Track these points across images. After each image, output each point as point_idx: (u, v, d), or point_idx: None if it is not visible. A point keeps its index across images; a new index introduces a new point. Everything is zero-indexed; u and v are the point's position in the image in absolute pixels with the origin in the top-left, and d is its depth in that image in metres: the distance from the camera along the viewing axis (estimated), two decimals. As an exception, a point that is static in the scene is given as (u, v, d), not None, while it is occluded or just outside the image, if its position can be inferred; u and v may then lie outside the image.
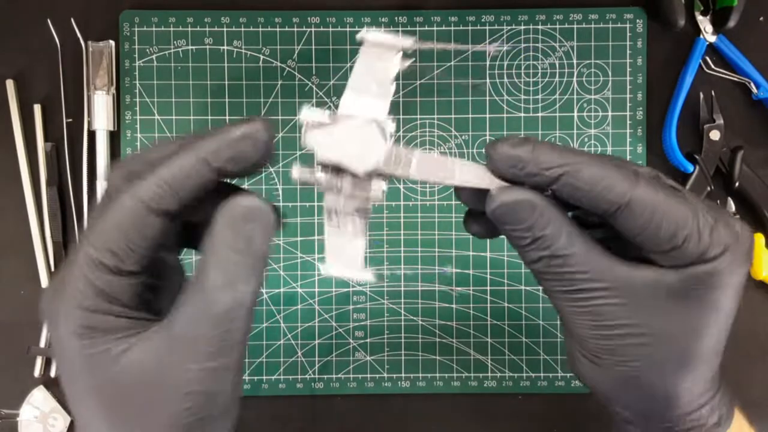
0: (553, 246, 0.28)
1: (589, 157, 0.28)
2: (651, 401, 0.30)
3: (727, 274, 0.28)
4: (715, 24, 0.46)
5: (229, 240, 0.26)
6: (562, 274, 0.29)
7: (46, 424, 0.45)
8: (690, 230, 0.28)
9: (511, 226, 0.29)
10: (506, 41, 0.46)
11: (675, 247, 0.28)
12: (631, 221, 0.28)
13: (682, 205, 0.28)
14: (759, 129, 0.47)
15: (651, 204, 0.28)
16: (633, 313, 0.29)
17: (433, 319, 0.46)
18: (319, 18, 0.46)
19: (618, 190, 0.27)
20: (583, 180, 0.27)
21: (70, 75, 0.46)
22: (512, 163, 0.28)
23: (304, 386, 0.46)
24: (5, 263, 0.46)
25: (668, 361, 0.30)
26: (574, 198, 0.28)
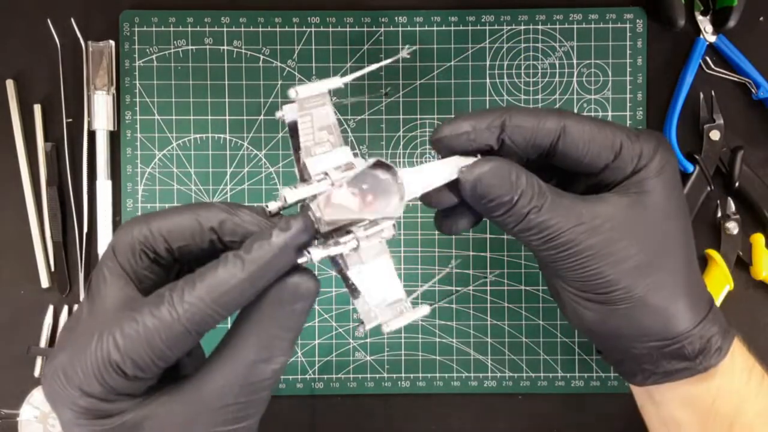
0: (531, 202, 0.31)
1: (513, 107, 0.32)
2: (658, 322, 0.32)
3: (662, 172, 0.32)
4: (715, 24, 0.46)
5: (278, 318, 0.27)
6: (544, 226, 0.31)
7: (46, 424, 0.45)
8: (621, 140, 0.32)
9: (491, 197, 0.31)
10: (506, 41, 0.46)
11: (615, 157, 0.32)
12: (573, 146, 0.32)
13: (608, 125, 0.32)
14: (759, 129, 0.47)
15: (583, 126, 0.32)
16: (610, 241, 0.31)
17: (433, 319, 0.46)
18: (319, 18, 0.46)
19: (551, 120, 0.31)
20: (523, 119, 0.31)
21: (70, 75, 0.46)
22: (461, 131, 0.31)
23: (304, 386, 0.46)
24: (5, 263, 0.46)
25: (655, 275, 0.32)
26: (522, 139, 0.31)
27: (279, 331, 0.27)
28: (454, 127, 0.31)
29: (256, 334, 0.27)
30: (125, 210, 0.46)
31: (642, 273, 0.32)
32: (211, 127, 0.46)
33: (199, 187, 0.46)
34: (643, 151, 0.32)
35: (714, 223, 0.46)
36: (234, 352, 0.27)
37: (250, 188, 0.46)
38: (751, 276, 0.46)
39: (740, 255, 0.46)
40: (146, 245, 0.28)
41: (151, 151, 0.46)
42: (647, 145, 0.32)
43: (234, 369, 0.27)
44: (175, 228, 0.28)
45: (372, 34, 0.46)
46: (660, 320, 0.32)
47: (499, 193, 0.30)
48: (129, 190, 0.46)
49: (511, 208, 0.31)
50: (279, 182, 0.46)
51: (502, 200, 0.30)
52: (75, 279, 0.46)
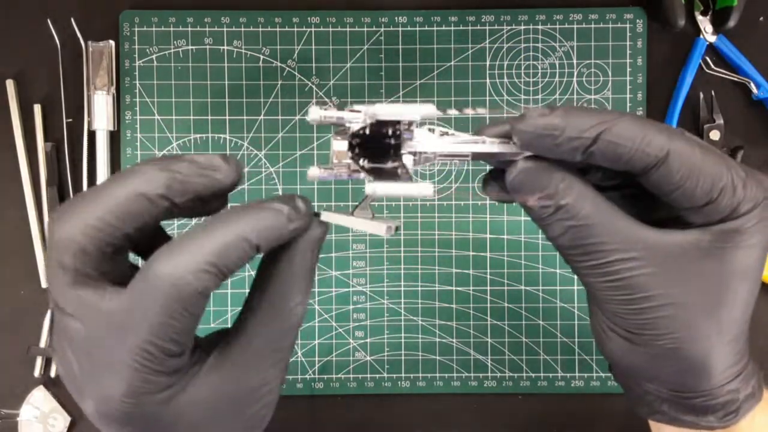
0: (578, 214, 0.28)
1: (620, 114, 0.27)
2: (688, 374, 0.29)
3: (757, 230, 0.28)
4: (715, 24, 0.46)
5: (308, 263, 0.28)
6: (590, 246, 0.28)
7: (46, 424, 0.45)
8: (725, 183, 0.27)
9: (533, 194, 0.28)
10: (506, 41, 0.46)
11: (710, 201, 0.27)
12: (668, 176, 0.27)
13: (717, 159, 0.27)
14: (759, 129, 0.47)
15: (688, 157, 0.27)
16: (667, 282, 0.28)
17: (433, 319, 0.46)
18: (319, 18, 0.46)
19: (656, 143, 0.26)
20: (623, 136, 0.26)
21: (70, 75, 0.46)
22: (546, 132, 0.27)
23: (304, 386, 0.46)
24: (5, 263, 0.46)
25: (703, 329, 0.28)
26: (614, 157, 0.27)
27: (310, 274, 0.29)
28: (545, 121, 0.27)
29: (295, 283, 0.28)
30: (125, 210, 0.46)
31: (681, 326, 0.28)
32: (211, 127, 0.46)
33: (199, 187, 0.46)
34: (741, 205, 0.27)
35: (714, 223, 0.46)
36: (272, 300, 0.28)
37: (250, 188, 0.46)
38: (751, 276, 0.46)
39: None
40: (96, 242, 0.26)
41: (151, 151, 0.46)
42: (749, 197, 0.27)
43: (275, 316, 0.28)
44: (120, 211, 0.26)
45: (372, 34, 0.46)
46: (684, 374, 0.30)
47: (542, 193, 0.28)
48: (129, 190, 0.46)
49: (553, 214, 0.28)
50: (279, 182, 0.46)
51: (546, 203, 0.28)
52: (75, 279, 0.46)
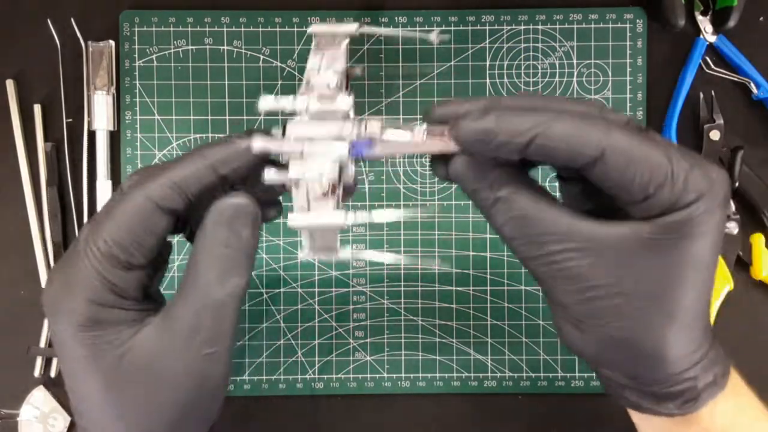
0: (516, 206, 0.28)
1: (558, 112, 0.27)
2: (641, 361, 0.29)
3: (702, 221, 0.27)
4: (715, 24, 0.46)
5: (219, 237, 0.28)
6: (531, 237, 0.28)
7: (46, 424, 0.45)
8: (664, 178, 0.27)
9: (472, 186, 0.29)
10: (506, 41, 0.46)
11: (648, 196, 0.27)
12: (606, 173, 0.27)
13: (655, 152, 0.27)
14: (759, 129, 0.47)
15: (624, 153, 0.26)
16: (608, 271, 0.28)
17: (433, 319, 0.46)
18: (319, 18, 0.46)
19: (592, 142, 0.26)
20: (556, 138, 0.26)
21: (70, 75, 0.46)
22: (480, 137, 0.27)
23: (304, 386, 0.46)
24: (5, 263, 0.46)
25: (652, 317, 0.28)
26: (550, 157, 0.27)
27: (224, 249, 0.28)
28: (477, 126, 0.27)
29: (206, 257, 0.29)
30: (125, 210, 0.46)
31: (627, 315, 0.28)
32: (211, 127, 0.46)
33: (199, 187, 0.46)
34: (683, 196, 0.27)
35: (714, 223, 0.46)
36: (190, 276, 0.29)
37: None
38: (751, 276, 0.46)
39: (740, 255, 0.46)
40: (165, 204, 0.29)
41: (151, 151, 0.46)
42: (692, 186, 0.27)
43: (192, 292, 0.29)
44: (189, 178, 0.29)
45: (372, 34, 0.46)
46: (638, 362, 0.29)
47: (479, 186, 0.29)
48: (129, 190, 0.46)
49: (493, 205, 0.29)
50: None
51: (483, 195, 0.29)
52: (75, 279, 0.46)
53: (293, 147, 0.29)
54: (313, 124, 0.29)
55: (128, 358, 0.29)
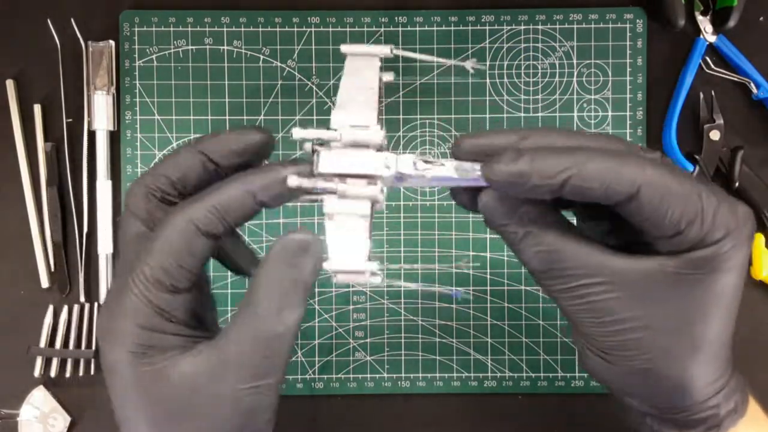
0: (544, 241, 0.28)
1: (590, 150, 0.27)
2: (665, 392, 0.30)
3: (729, 257, 0.28)
4: (715, 24, 0.46)
5: (282, 271, 0.28)
6: (558, 271, 0.29)
7: (46, 424, 0.45)
8: (694, 215, 0.27)
9: (501, 221, 0.29)
10: (506, 41, 0.46)
11: (678, 232, 0.27)
12: (640, 209, 0.27)
13: (687, 189, 0.27)
14: (759, 129, 0.47)
15: (659, 190, 0.27)
16: (634, 305, 0.28)
17: (433, 319, 0.46)
18: (319, 18, 0.46)
19: (626, 180, 0.27)
20: (591, 178, 0.26)
21: (70, 75, 0.46)
22: (513, 180, 0.27)
23: (304, 386, 0.46)
24: (5, 263, 0.46)
25: (677, 350, 0.29)
26: (584, 196, 0.27)
27: (286, 284, 0.28)
28: (511, 169, 0.27)
29: (267, 290, 0.28)
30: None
31: (651, 348, 0.29)
32: (211, 126, 0.46)
33: (199, 187, 0.46)
34: (710, 234, 0.27)
35: (714, 223, 0.46)
36: (248, 306, 0.29)
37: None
38: (751, 276, 0.46)
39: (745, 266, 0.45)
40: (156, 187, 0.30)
41: (151, 151, 0.46)
42: (719, 225, 0.27)
43: (249, 322, 0.28)
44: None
45: (372, 34, 0.46)
46: (661, 392, 0.30)
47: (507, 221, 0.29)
48: (129, 190, 0.46)
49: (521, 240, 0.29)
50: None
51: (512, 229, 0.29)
52: (75, 279, 0.46)
53: (327, 185, 0.29)
54: (346, 154, 0.29)
55: (175, 387, 0.28)
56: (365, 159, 0.29)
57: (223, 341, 0.29)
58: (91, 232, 0.46)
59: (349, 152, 0.29)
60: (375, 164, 0.29)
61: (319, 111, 0.46)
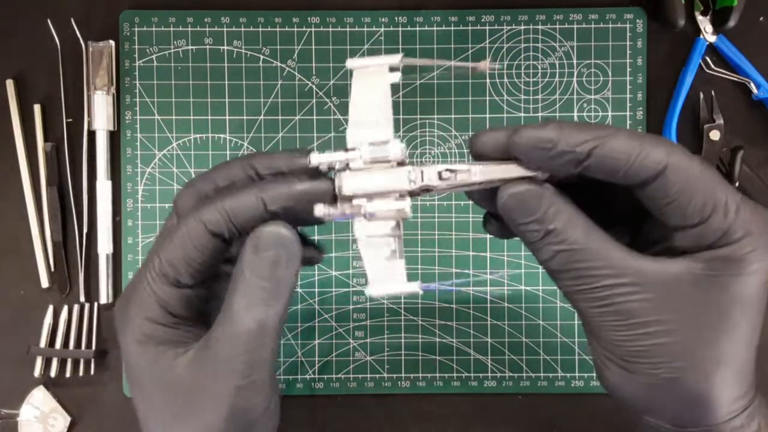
0: (568, 239, 0.28)
1: (617, 129, 0.27)
2: (688, 406, 0.29)
3: (752, 259, 0.27)
4: (715, 24, 0.46)
5: (253, 265, 0.28)
6: (581, 271, 0.28)
7: (46, 424, 0.45)
8: (718, 202, 0.27)
9: (522, 219, 0.28)
10: (506, 41, 0.46)
11: (701, 220, 0.27)
12: (664, 189, 0.27)
13: (714, 178, 0.27)
14: (759, 129, 0.47)
15: (686, 171, 0.27)
16: (661, 308, 0.27)
17: (433, 319, 0.46)
18: (319, 18, 0.46)
19: (654, 156, 0.26)
20: (617, 150, 0.26)
21: (70, 75, 0.46)
22: (541, 144, 0.27)
23: (304, 386, 0.46)
24: (5, 263, 0.46)
25: (703, 359, 0.28)
26: (610, 170, 0.27)
27: (256, 279, 0.28)
28: (535, 135, 0.27)
29: (239, 285, 0.28)
30: (125, 210, 0.46)
31: (678, 354, 0.28)
32: (211, 127, 0.46)
33: (199, 187, 0.46)
34: (732, 228, 0.27)
35: (714, 223, 0.46)
36: (225, 304, 0.29)
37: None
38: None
39: None
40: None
41: (151, 151, 0.46)
42: (740, 223, 0.27)
43: (225, 320, 0.28)
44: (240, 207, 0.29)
45: (372, 34, 0.46)
46: (686, 406, 0.29)
47: (530, 218, 0.28)
48: (129, 190, 0.46)
49: (543, 238, 0.28)
50: (279, 182, 0.46)
51: (534, 227, 0.28)
52: (75, 279, 0.46)
53: (354, 210, 0.29)
54: (369, 174, 0.29)
55: (175, 378, 0.29)
56: (389, 176, 0.29)
57: (209, 340, 0.29)
58: (91, 232, 0.46)
59: (372, 171, 0.29)
60: (400, 180, 0.29)
61: (319, 111, 0.46)
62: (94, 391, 0.46)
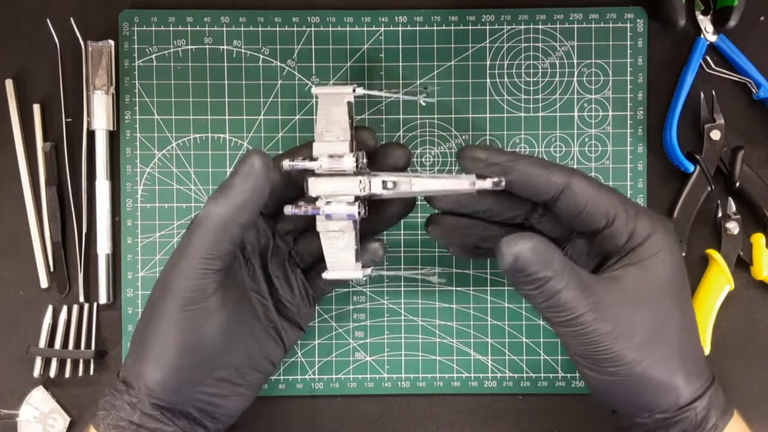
0: (562, 284, 0.33)
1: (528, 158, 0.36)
2: (657, 393, 0.35)
3: (660, 253, 0.35)
4: (715, 23, 0.45)
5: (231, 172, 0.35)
6: (566, 307, 0.34)
7: (46, 424, 0.45)
8: (619, 208, 0.36)
9: (527, 272, 0.33)
10: (507, 40, 0.46)
11: (608, 223, 0.36)
12: (573, 201, 0.35)
13: (611, 190, 0.36)
14: (760, 129, 0.47)
15: (587, 186, 0.35)
16: (621, 319, 0.34)
17: (433, 319, 0.46)
18: (319, 18, 0.46)
19: (559, 176, 0.35)
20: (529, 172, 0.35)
21: (70, 75, 0.46)
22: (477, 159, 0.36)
23: (304, 387, 0.46)
24: (4, 263, 0.46)
25: (651, 349, 0.34)
26: (525, 183, 0.35)
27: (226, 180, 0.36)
28: (473, 152, 0.36)
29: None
30: (124, 210, 0.46)
31: (640, 350, 0.34)
32: (211, 126, 0.46)
33: (199, 187, 0.46)
34: (637, 229, 0.35)
35: (714, 224, 0.46)
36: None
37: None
38: (752, 276, 0.46)
39: (741, 255, 0.46)
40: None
41: (150, 150, 0.46)
42: (642, 224, 0.35)
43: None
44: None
45: (372, 34, 0.46)
46: (659, 394, 0.35)
47: (535, 270, 0.33)
48: (128, 190, 0.46)
49: (543, 285, 0.34)
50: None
51: (537, 276, 0.33)
52: (74, 279, 0.46)
53: (316, 209, 0.37)
54: (329, 180, 0.37)
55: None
56: (343, 184, 0.36)
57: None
58: (90, 232, 0.46)
59: (332, 178, 0.36)
60: (351, 187, 0.36)
61: (318, 111, 0.46)
62: (94, 392, 0.46)
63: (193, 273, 0.35)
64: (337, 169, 0.36)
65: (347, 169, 0.36)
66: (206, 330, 0.36)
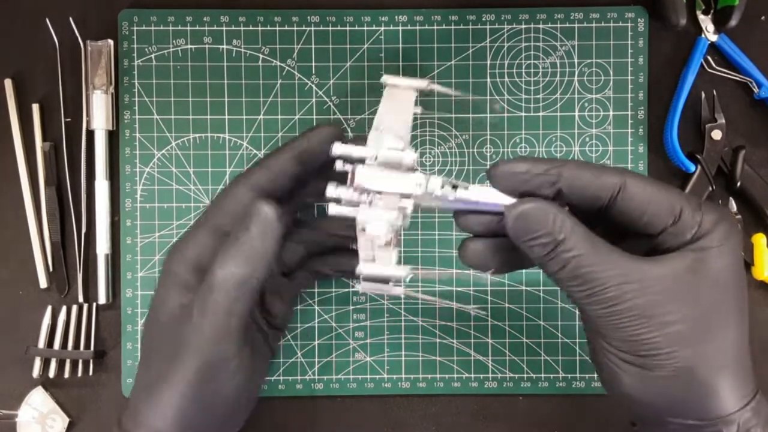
0: (576, 246, 0.31)
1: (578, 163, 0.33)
2: (701, 396, 0.31)
3: (727, 245, 0.32)
4: (716, 23, 0.45)
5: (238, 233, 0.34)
6: (589, 275, 0.31)
7: (45, 425, 0.45)
8: (684, 203, 0.32)
9: (532, 234, 0.31)
10: (507, 40, 0.46)
11: (675, 219, 0.32)
12: (632, 203, 0.32)
13: (669, 186, 0.33)
14: (761, 128, 0.46)
15: (643, 185, 0.32)
16: (665, 302, 0.31)
17: (434, 319, 0.46)
18: (319, 17, 0.46)
19: (610, 177, 0.32)
20: (579, 175, 0.32)
21: (69, 74, 0.46)
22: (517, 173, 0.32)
23: (303, 387, 0.46)
24: (4, 264, 0.46)
25: (705, 346, 0.31)
26: (579, 189, 0.32)
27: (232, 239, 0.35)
28: (511, 166, 0.32)
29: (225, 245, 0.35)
30: (124, 210, 0.46)
31: (688, 341, 0.31)
32: (210, 126, 0.46)
33: (198, 187, 0.46)
34: (704, 221, 0.32)
35: (715, 223, 0.46)
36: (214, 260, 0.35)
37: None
38: (753, 276, 0.46)
39: (741, 255, 0.45)
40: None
41: (149, 150, 0.46)
42: (709, 216, 0.32)
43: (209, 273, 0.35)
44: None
45: (372, 33, 0.46)
46: (700, 396, 0.32)
47: (540, 231, 0.31)
48: (128, 189, 0.46)
49: (553, 250, 0.31)
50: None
51: (544, 240, 0.31)
52: (74, 279, 0.46)
53: (362, 198, 0.33)
54: (381, 172, 0.33)
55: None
56: (399, 178, 0.33)
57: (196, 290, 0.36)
58: (89, 232, 0.46)
59: (385, 170, 0.33)
60: (408, 183, 0.33)
61: (318, 110, 0.46)
62: (93, 392, 0.46)
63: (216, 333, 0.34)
64: (394, 162, 0.33)
65: (406, 163, 0.33)
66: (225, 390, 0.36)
